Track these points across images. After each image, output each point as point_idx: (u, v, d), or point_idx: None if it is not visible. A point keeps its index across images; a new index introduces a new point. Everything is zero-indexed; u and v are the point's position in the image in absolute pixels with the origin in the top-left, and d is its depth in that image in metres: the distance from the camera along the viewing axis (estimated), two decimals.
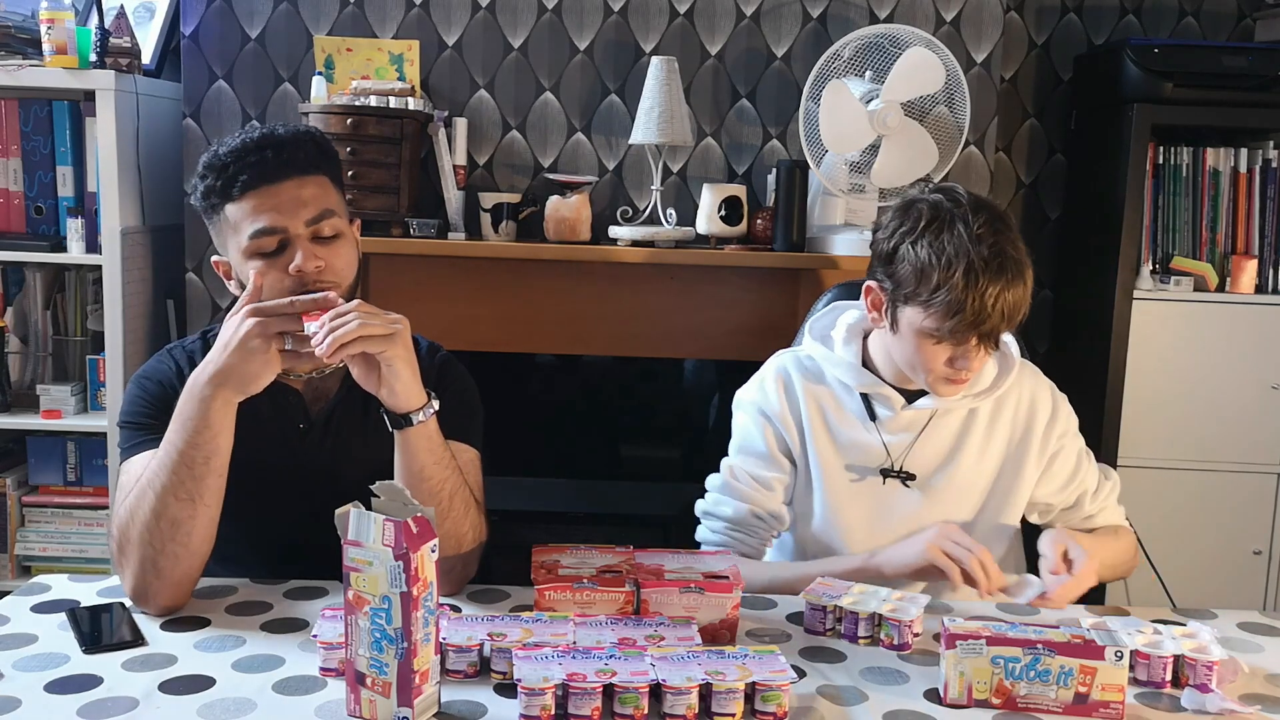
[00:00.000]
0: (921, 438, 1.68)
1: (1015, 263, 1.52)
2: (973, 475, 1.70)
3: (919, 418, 1.68)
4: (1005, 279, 1.51)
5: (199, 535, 1.43)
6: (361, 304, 1.41)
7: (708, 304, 2.69)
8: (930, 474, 1.69)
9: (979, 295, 1.50)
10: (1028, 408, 1.71)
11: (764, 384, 1.77)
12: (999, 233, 1.53)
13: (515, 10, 2.72)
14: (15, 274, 2.70)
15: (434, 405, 1.47)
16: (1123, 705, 1.24)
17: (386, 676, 1.17)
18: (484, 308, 2.67)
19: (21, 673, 1.27)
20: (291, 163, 1.49)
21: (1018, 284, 1.52)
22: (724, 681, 1.19)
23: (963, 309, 1.51)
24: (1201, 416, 2.80)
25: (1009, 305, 1.52)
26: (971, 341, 1.55)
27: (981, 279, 1.50)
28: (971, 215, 1.54)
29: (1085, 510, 1.74)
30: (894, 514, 1.69)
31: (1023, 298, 1.53)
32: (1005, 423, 1.71)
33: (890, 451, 1.69)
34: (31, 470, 2.73)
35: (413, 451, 1.46)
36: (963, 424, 1.70)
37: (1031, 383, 1.74)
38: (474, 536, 1.54)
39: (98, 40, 2.56)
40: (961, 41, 2.72)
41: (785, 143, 2.76)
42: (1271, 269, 2.81)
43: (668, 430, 3.11)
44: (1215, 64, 2.68)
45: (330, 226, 1.51)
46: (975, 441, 1.69)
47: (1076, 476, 1.73)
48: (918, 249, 1.54)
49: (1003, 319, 1.52)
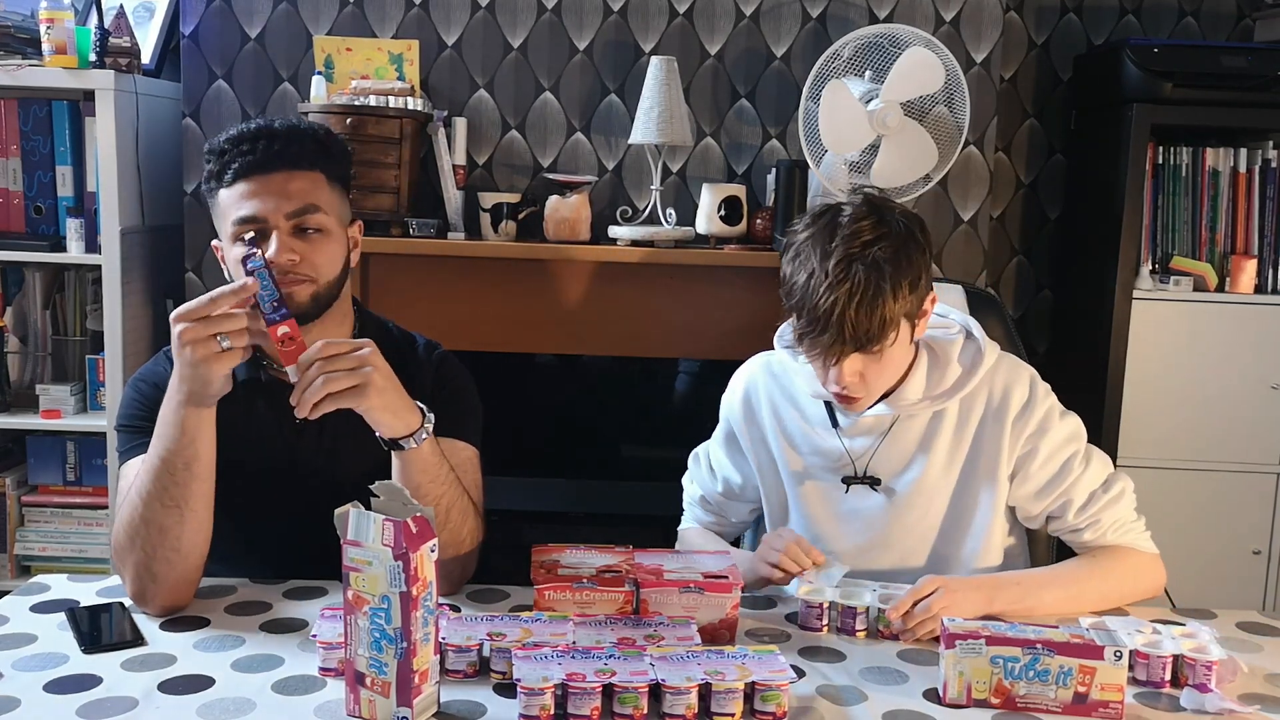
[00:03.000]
0: (885, 442, 1.64)
1: (871, 276, 1.44)
2: (940, 478, 1.64)
3: (881, 422, 1.64)
4: (849, 288, 1.44)
5: (188, 540, 1.42)
6: (326, 345, 1.37)
7: (707, 304, 2.69)
8: (895, 477, 1.65)
9: (818, 304, 1.45)
10: (999, 400, 1.62)
11: (731, 390, 1.81)
12: (870, 244, 1.46)
13: (515, 10, 2.72)
14: (15, 274, 2.70)
15: (427, 428, 1.45)
16: (1122, 705, 1.24)
17: (386, 676, 1.17)
18: (483, 308, 2.67)
19: (21, 672, 1.28)
20: (283, 155, 1.49)
21: (868, 297, 1.44)
22: (723, 681, 1.19)
23: (804, 315, 1.48)
24: (1201, 416, 2.80)
25: (854, 317, 1.44)
26: (826, 355, 1.49)
27: (822, 287, 1.45)
28: (850, 222, 1.49)
29: (1069, 522, 1.62)
30: (861, 518, 1.67)
31: (875, 312, 1.44)
32: (974, 421, 1.63)
33: (853, 457, 1.66)
34: (31, 470, 2.73)
35: (407, 471, 1.45)
36: (928, 427, 1.64)
37: (1007, 376, 1.63)
38: (472, 540, 1.54)
39: (97, 40, 2.56)
40: (961, 41, 2.72)
41: (785, 143, 2.76)
42: (1271, 269, 2.81)
43: (667, 430, 3.10)
44: (1215, 64, 2.68)
45: (314, 221, 1.50)
46: (943, 444, 1.63)
47: (1061, 484, 1.61)
48: (789, 252, 1.54)
49: (846, 331, 1.45)
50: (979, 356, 1.63)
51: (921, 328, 1.57)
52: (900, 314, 1.48)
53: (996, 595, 1.51)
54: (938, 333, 1.66)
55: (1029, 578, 1.60)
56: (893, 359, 1.54)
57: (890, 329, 1.47)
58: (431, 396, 1.57)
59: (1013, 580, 1.57)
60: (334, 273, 1.54)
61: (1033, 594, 1.54)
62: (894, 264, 1.47)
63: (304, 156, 1.51)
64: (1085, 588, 1.57)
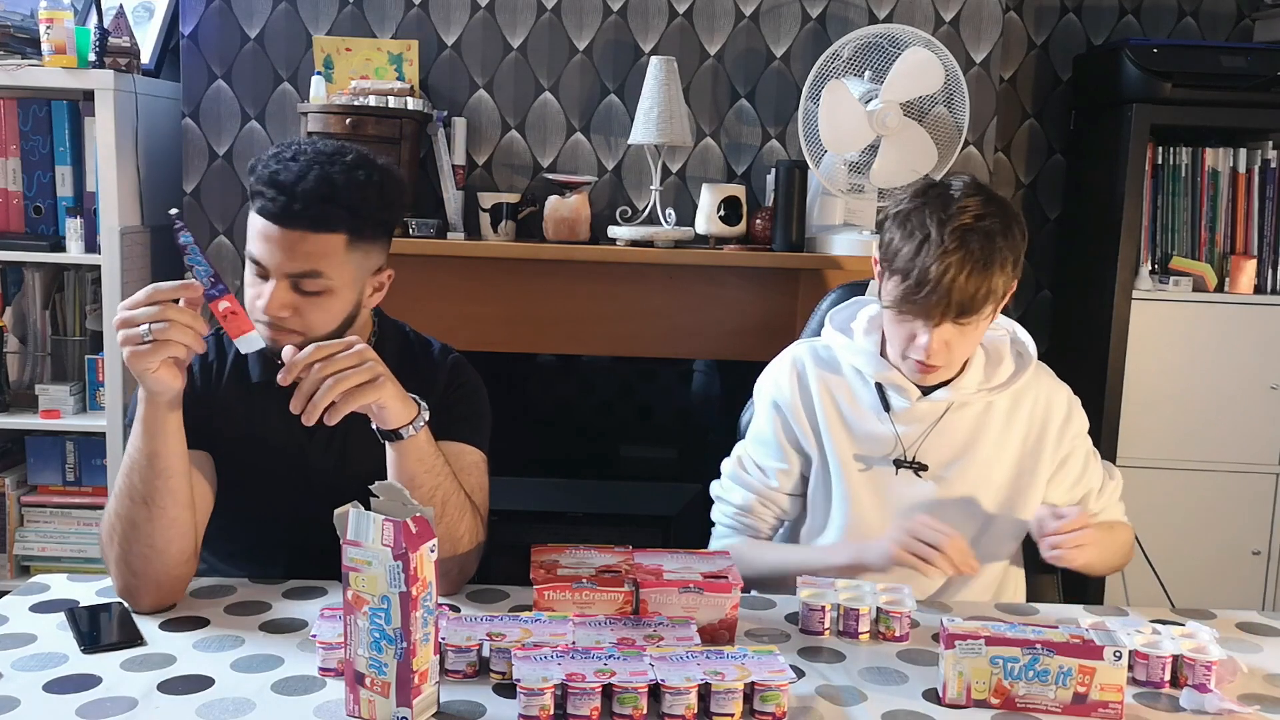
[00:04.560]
0: (936, 430, 1.69)
1: (984, 248, 1.51)
2: (988, 470, 1.70)
3: (934, 410, 1.68)
4: (962, 256, 1.50)
5: (161, 537, 1.42)
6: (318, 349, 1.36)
7: (707, 304, 2.69)
8: (944, 466, 1.69)
9: (929, 267, 1.50)
10: (1044, 408, 1.72)
11: (778, 374, 1.79)
12: (981, 218, 1.52)
13: (514, 10, 2.72)
14: (14, 274, 2.70)
15: (424, 417, 1.46)
16: (1121, 705, 1.24)
17: (385, 676, 1.17)
18: (483, 308, 2.67)
19: (20, 672, 1.28)
20: (303, 216, 1.44)
21: (979, 266, 1.50)
22: (723, 681, 1.19)
23: (911, 278, 1.53)
24: (1200, 416, 2.80)
25: (963, 284, 1.50)
26: (926, 318, 1.55)
27: (935, 251, 1.50)
28: (961, 196, 1.55)
29: (1090, 508, 1.73)
30: (908, 505, 1.68)
31: (983, 282, 1.51)
32: (1022, 420, 1.71)
33: (903, 442, 1.69)
34: (30, 470, 2.73)
35: (403, 462, 1.45)
36: (978, 418, 1.70)
37: (1049, 384, 1.74)
38: (470, 539, 1.54)
39: (97, 40, 2.56)
40: (961, 41, 2.72)
41: (784, 143, 2.76)
42: (1270, 269, 2.81)
43: (667, 430, 3.11)
44: (1214, 64, 2.68)
45: (314, 285, 1.47)
46: (991, 436, 1.70)
47: (1084, 477, 1.73)
48: (897, 219, 1.58)
49: (953, 295, 1.51)
50: (1027, 356, 1.73)
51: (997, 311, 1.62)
52: (1002, 288, 1.55)
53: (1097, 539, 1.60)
54: (988, 330, 1.70)
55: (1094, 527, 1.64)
56: (977, 334, 1.61)
57: (991, 301, 1.54)
58: (443, 399, 1.57)
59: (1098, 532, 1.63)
60: (328, 328, 1.50)
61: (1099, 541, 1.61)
62: (1004, 238, 1.54)
63: (326, 220, 1.45)
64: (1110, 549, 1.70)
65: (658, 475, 3.01)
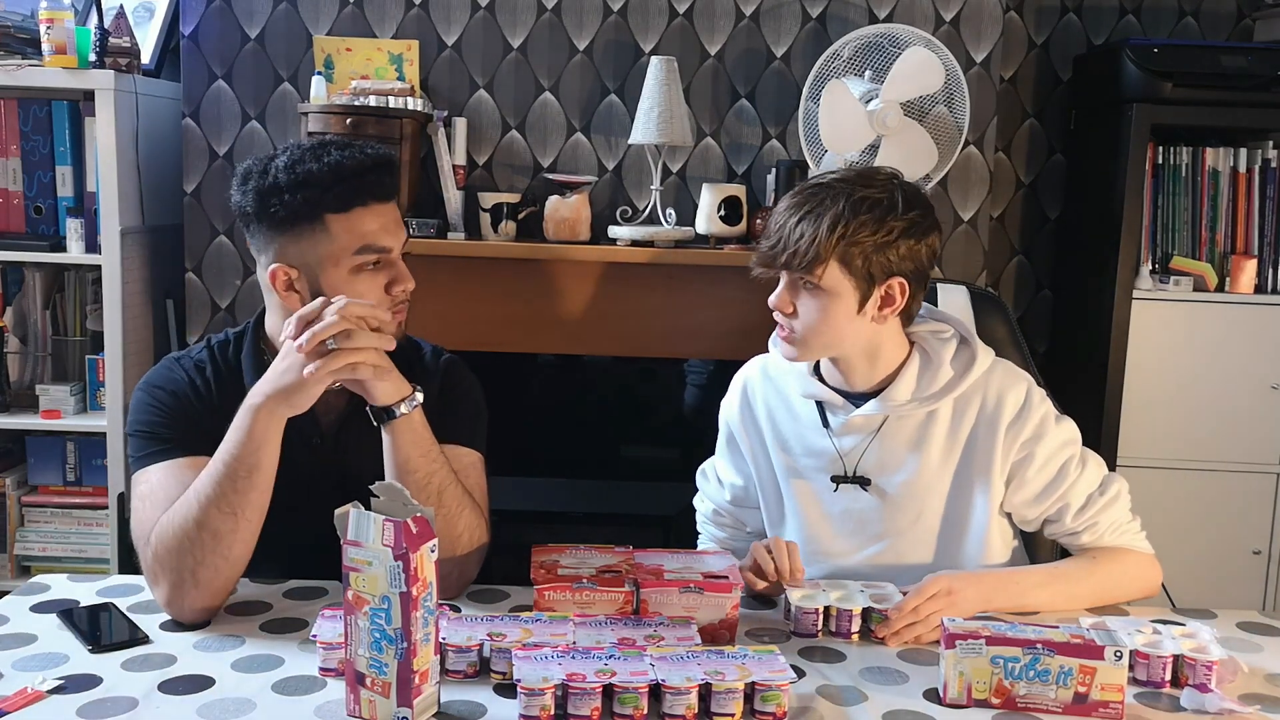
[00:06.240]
0: (876, 442, 1.64)
1: (825, 201, 1.53)
2: (933, 480, 1.64)
3: (871, 422, 1.64)
4: (799, 201, 1.56)
5: (239, 548, 1.42)
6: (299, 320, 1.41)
7: (707, 304, 2.69)
8: (886, 477, 1.65)
9: (774, 218, 1.58)
10: (994, 405, 1.61)
11: (730, 393, 1.82)
12: (845, 182, 1.56)
13: (515, 10, 2.72)
14: (15, 274, 2.70)
15: (418, 397, 1.48)
16: (1122, 705, 1.25)
17: (386, 676, 1.17)
18: (483, 308, 2.67)
19: (21, 673, 1.28)
20: (392, 187, 1.56)
21: (811, 216, 1.53)
22: (723, 681, 1.19)
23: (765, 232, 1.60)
24: (1201, 416, 2.80)
25: (792, 227, 1.54)
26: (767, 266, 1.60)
27: (781, 204, 1.58)
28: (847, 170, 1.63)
29: (1067, 525, 1.62)
30: (854, 518, 1.67)
31: (813, 231, 1.52)
32: (968, 424, 1.63)
33: (843, 456, 1.66)
34: (31, 470, 2.73)
35: (398, 443, 1.47)
36: (921, 427, 1.64)
37: (1003, 382, 1.63)
38: (470, 538, 1.53)
39: (97, 40, 2.56)
40: (961, 41, 2.72)
41: (785, 143, 2.76)
42: (1271, 269, 2.81)
43: (667, 430, 3.11)
44: (1215, 64, 2.68)
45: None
46: (937, 442, 1.63)
47: (1058, 488, 1.61)
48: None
49: (783, 238, 1.54)
50: (972, 360, 1.63)
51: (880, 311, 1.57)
52: (834, 251, 1.52)
53: (995, 594, 1.53)
54: (931, 336, 1.66)
55: (1026, 576, 1.60)
56: (826, 310, 1.56)
57: (820, 260, 1.52)
58: (438, 402, 1.57)
59: (1011, 579, 1.57)
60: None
61: (1030, 593, 1.55)
62: (852, 207, 1.53)
63: (396, 187, 1.58)
64: (1082, 586, 1.58)
65: (658, 475, 3.01)
